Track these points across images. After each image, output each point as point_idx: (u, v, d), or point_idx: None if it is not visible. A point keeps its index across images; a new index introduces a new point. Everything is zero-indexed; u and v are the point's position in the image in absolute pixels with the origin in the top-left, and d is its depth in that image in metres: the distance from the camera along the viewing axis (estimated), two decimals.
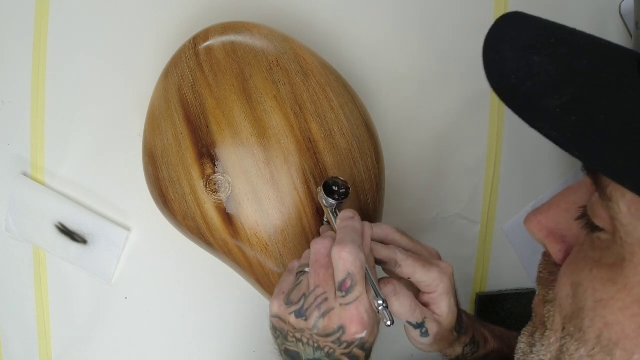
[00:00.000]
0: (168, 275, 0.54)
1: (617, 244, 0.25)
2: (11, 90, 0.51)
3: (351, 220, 0.37)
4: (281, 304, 0.36)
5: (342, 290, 0.34)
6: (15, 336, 0.54)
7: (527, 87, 0.24)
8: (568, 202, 0.30)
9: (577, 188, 0.30)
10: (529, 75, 0.24)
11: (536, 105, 0.23)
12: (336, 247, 0.34)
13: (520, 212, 0.62)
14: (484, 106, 0.59)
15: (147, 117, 0.46)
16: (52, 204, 0.51)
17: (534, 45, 0.25)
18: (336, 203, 0.40)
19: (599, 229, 0.26)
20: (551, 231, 0.30)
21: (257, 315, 0.56)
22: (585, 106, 0.22)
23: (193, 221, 0.44)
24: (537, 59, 0.24)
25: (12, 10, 0.50)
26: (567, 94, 0.23)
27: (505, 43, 0.26)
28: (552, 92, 0.23)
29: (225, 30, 0.45)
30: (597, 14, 0.62)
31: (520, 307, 0.63)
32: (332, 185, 0.41)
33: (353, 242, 0.34)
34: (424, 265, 0.38)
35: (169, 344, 0.55)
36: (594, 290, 0.26)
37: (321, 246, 0.36)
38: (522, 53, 0.25)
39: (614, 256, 0.25)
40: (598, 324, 0.25)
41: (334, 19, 0.54)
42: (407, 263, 0.38)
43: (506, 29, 0.26)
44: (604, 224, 0.25)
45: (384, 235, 0.41)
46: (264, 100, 0.43)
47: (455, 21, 0.57)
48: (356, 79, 0.53)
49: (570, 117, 0.22)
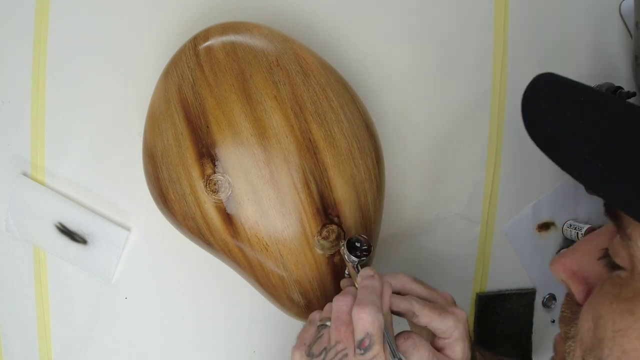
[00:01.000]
0: (168, 275, 0.54)
1: (635, 279, 0.27)
2: (11, 90, 0.51)
3: (371, 279, 0.40)
4: (302, 355, 0.38)
5: (361, 348, 0.36)
6: (15, 336, 0.54)
7: (559, 136, 0.28)
8: (591, 246, 0.33)
9: (600, 234, 0.33)
10: (562, 126, 0.28)
11: (567, 152, 0.27)
12: (356, 307, 0.37)
13: (520, 212, 0.62)
14: (484, 106, 0.59)
15: (147, 117, 0.46)
16: (52, 204, 0.51)
17: (566, 102, 0.28)
18: (358, 260, 0.42)
19: (619, 267, 0.29)
20: (574, 272, 0.33)
21: (257, 315, 0.56)
22: (610, 154, 0.26)
23: (193, 221, 0.44)
24: (568, 113, 0.28)
25: (12, 10, 0.50)
26: (594, 144, 0.26)
27: (540, 98, 0.29)
28: (582, 142, 0.27)
29: (225, 30, 0.45)
30: (597, 14, 0.62)
31: (520, 307, 0.63)
32: (355, 242, 0.43)
33: (372, 304, 0.37)
34: (440, 314, 0.41)
35: (169, 344, 0.55)
36: (613, 321, 0.28)
37: (343, 303, 0.38)
38: (556, 107, 0.29)
39: (633, 290, 0.28)
40: (616, 352, 0.28)
41: (334, 19, 0.54)
42: (424, 313, 0.41)
43: (542, 85, 0.30)
44: (624, 262, 0.28)
45: (400, 286, 0.43)
46: (264, 100, 0.43)
47: (455, 21, 0.57)
48: (356, 79, 0.53)
49: (597, 163, 0.26)
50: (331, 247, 0.45)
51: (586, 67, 0.62)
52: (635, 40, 0.61)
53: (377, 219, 0.48)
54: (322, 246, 0.44)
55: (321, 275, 0.45)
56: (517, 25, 0.59)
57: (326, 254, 0.45)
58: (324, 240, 0.44)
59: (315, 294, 0.46)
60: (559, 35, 0.61)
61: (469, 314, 0.63)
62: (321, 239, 0.44)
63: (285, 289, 0.45)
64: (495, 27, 0.59)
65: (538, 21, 0.60)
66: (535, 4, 0.60)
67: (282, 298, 0.46)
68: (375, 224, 0.48)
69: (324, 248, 0.44)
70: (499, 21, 0.59)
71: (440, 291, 0.45)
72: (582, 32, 0.62)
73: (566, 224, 0.64)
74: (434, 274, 0.60)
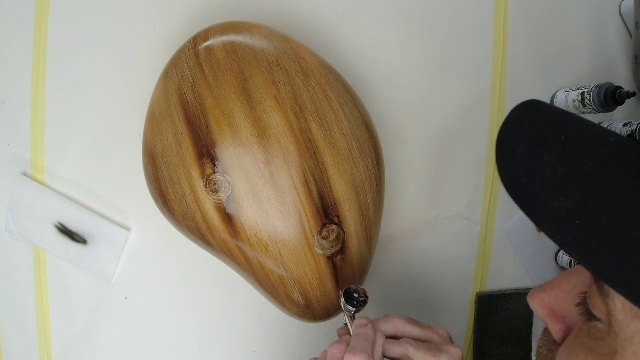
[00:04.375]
0: (168, 275, 0.54)
1: (611, 337, 0.26)
2: (11, 90, 0.51)
3: (364, 328, 0.41)
4: None
5: None
6: (15, 336, 0.54)
7: (535, 186, 0.25)
8: (570, 284, 0.32)
9: (580, 272, 0.31)
10: (538, 176, 0.25)
11: (542, 207, 0.25)
12: (348, 354, 0.38)
13: (520, 212, 0.62)
14: (484, 106, 0.59)
15: (147, 117, 0.46)
16: (52, 204, 0.51)
17: (545, 143, 0.26)
18: (354, 310, 0.43)
19: (596, 319, 0.27)
20: (552, 310, 0.32)
21: (257, 315, 0.56)
22: (588, 211, 0.24)
23: (193, 221, 0.44)
24: (546, 158, 0.26)
25: (12, 10, 0.50)
26: (571, 197, 0.24)
27: (518, 136, 0.27)
28: (559, 195, 0.24)
29: (225, 30, 0.45)
30: (597, 14, 0.62)
31: (520, 307, 0.63)
32: (353, 292, 0.44)
33: (363, 351, 0.38)
34: (434, 355, 0.42)
35: (169, 344, 0.55)
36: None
37: (337, 350, 0.40)
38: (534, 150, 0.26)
39: (608, 347, 0.26)
40: None
41: (334, 19, 0.54)
42: (418, 355, 0.41)
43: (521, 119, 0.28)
44: (601, 315, 0.27)
45: (394, 330, 0.44)
46: (264, 100, 0.43)
47: (455, 21, 0.57)
48: (356, 79, 0.53)
49: (574, 220, 0.23)
50: (331, 247, 0.45)
51: (586, 67, 0.62)
52: (635, 40, 0.61)
53: (377, 219, 0.48)
54: (322, 246, 0.44)
55: (321, 275, 0.45)
56: (517, 25, 0.59)
57: (326, 253, 0.45)
58: (324, 240, 0.44)
59: (315, 294, 0.46)
60: (559, 35, 0.61)
61: (469, 314, 0.63)
62: (321, 239, 0.44)
63: (285, 289, 0.45)
64: (495, 27, 0.59)
65: (538, 21, 0.60)
66: (535, 4, 0.60)
67: (282, 298, 0.46)
68: (375, 224, 0.48)
69: (324, 248, 0.44)
70: (499, 21, 0.59)
71: (435, 329, 0.45)
72: (582, 32, 0.62)
73: None
74: (434, 274, 0.60)
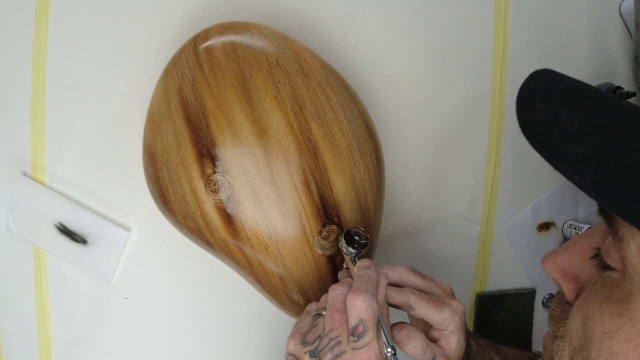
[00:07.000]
0: (168, 275, 0.54)
1: (626, 282, 0.27)
2: (11, 90, 0.51)
3: (367, 269, 0.40)
4: (297, 342, 0.39)
5: (354, 335, 0.36)
6: (15, 336, 0.54)
7: (554, 135, 0.27)
8: (583, 245, 0.33)
9: (592, 233, 0.33)
10: (556, 125, 0.27)
11: (561, 151, 0.26)
12: (351, 294, 0.37)
13: (520, 212, 0.62)
14: (484, 106, 0.59)
15: (147, 117, 0.46)
16: (52, 204, 0.51)
17: (562, 100, 0.28)
18: (355, 252, 0.42)
19: (610, 268, 0.29)
20: (565, 271, 0.33)
21: (257, 315, 0.56)
22: (604, 155, 0.25)
23: (193, 221, 0.44)
24: (563, 112, 0.27)
25: (12, 10, 0.50)
26: (588, 144, 0.26)
27: (536, 95, 0.29)
28: (576, 141, 0.26)
29: (225, 30, 0.45)
30: (597, 14, 0.62)
31: (520, 307, 0.63)
32: (353, 234, 0.43)
33: (367, 291, 0.37)
34: (436, 306, 0.41)
35: (169, 344, 0.55)
36: (602, 322, 0.28)
37: (338, 292, 0.38)
38: (551, 105, 0.28)
39: (623, 292, 0.27)
40: (604, 354, 0.28)
41: (334, 19, 0.54)
42: (420, 305, 0.41)
43: (539, 82, 0.30)
44: (615, 263, 0.28)
45: (398, 277, 0.43)
46: (264, 100, 0.43)
47: (455, 21, 0.57)
48: (356, 79, 0.53)
49: (590, 163, 0.25)
50: (331, 247, 0.45)
51: (586, 67, 0.62)
52: (635, 40, 0.61)
53: (377, 219, 0.48)
54: (322, 246, 0.44)
55: (321, 275, 0.45)
56: (517, 25, 0.59)
57: (326, 253, 0.45)
58: (324, 240, 0.44)
59: (315, 294, 0.46)
60: (559, 35, 0.61)
61: (469, 314, 0.63)
62: (321, 239, 0.44)
63: (285, 289, 0.45)
64: (495, 27, 0.59)
65: (538, 21, 0.60)
66: (535, 4, 0.60)
67: (282, 298, 0.46)
68: (375, 224, 0.48)
69: (324, 248, 0.44)
70: (499, 21, 0.59)
71: (438, 282, 0.45)
72: (582, 32, 0.62)
73: (566, 224, 0.64)
74: (434, 274, 0.60)
